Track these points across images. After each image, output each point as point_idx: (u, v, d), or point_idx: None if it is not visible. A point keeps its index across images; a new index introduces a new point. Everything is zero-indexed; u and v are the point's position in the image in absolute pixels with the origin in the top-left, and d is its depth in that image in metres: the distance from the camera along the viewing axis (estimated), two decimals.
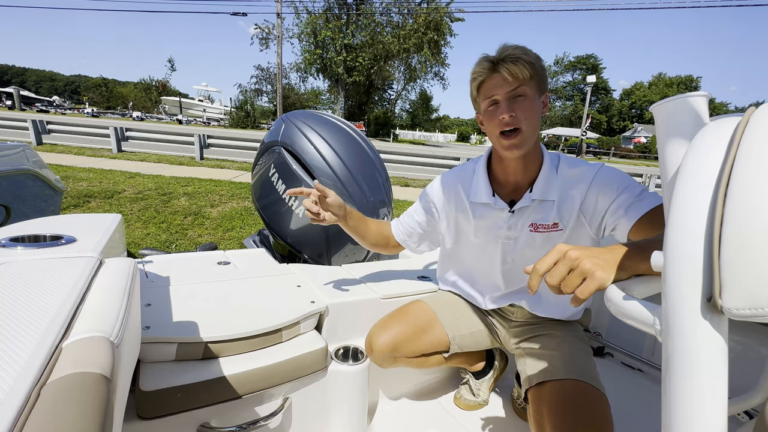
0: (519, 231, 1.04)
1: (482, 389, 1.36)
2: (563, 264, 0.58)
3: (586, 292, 0.55)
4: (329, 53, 23.71)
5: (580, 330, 1.15)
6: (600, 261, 0.56)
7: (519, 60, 0.88)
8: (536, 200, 1.00)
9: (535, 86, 0.92)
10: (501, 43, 0.95)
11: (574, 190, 0.98)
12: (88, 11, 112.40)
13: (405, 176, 8.56)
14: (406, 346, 1.11)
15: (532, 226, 1.02)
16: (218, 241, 3.60)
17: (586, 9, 25.64)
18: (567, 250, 0.59)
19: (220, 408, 0.88)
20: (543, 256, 0.60)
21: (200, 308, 1.00)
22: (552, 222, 1.00)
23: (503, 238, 1.06)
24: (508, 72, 0.89)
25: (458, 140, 52.83)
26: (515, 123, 0.92)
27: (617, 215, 0.90)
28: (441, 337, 1.16)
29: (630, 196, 0.89)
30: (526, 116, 0.92)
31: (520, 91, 0.91)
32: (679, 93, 0.51)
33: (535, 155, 1.01)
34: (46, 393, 0.35)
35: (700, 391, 0.35)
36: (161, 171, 6.66)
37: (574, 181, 0.98)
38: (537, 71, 0.91)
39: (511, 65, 0.89)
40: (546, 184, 1.00)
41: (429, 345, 1.15)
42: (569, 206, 0.99)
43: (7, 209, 1.85)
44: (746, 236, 0.32)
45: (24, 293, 0.52)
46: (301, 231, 1.62)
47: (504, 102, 0.92)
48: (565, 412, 0.87)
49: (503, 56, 0.90)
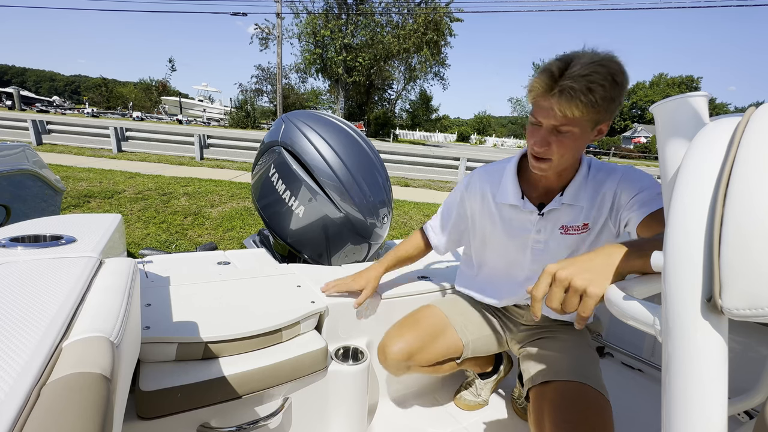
0: (549, 234, 1.02)
1: (485, 390, 1.36)
2: (557, 287, 0.58)
3: (587, 310, 0.55)
4: (329, 53, 23.70)
5: (587, 334, 1.14)
6: (590, 275, 0.56)
7: (575, 100, 0.76)
8: (566, 204, 0.99)
9: (589, 122, 0.82)
10: (580, 48, 0.81)
11: (604, 190, 0.97)
12: (88, 11, 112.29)
13: (405, 176, 8.56)
14: (420, 355, 1.09)
15: (563, 228, 1.00)
16: (218, 241, 3.60)
17: (586, 9, 25.64)
18: (555, 271, 0.58)
19: (220, 408, 0.88)
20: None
21: (200, 308, 1.00)
22: (582, 223, 0.99)
23: (532, 242, 1.04)
24: (558, 106, 0.79)
25: (458, 140, 52.85)
26: (546, 155, 0.87)
27: (631, 210, 0.89)
28: (455, 342, 1.15)
29: (649, 194, 0.88)
30: (561, 151, 0.86)
31: (564, 129, 0.83)
32: (679, 93, 0.51)
33: (572, 166, 0.98)
34: (46, 393, 0.35)
35: (700, 391, 0.35)
36: (161, 171, 6.66)
37: (603, 182, 0.97)
38: (597, 108, 0.78)
39: (565, 103, 0.78)
40: (578, 189, 0.98)
41: (443, 352, 1.13)
42: (599, 206, 0.97)
43: (7, 209, 1.85)
44: (746, 236, 0.32)
45: (24, 293, 0.52)
46: (301, 231, 1.62)
47: (544, 131, 0.85)
48: (566, 413, 0.87)
49: (563, 84, 0.77)
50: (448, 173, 8.82)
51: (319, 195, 1.51)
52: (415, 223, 4.85)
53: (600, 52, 0.79)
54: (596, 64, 0.76)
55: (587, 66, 0.76)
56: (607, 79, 0.76)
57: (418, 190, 7.50)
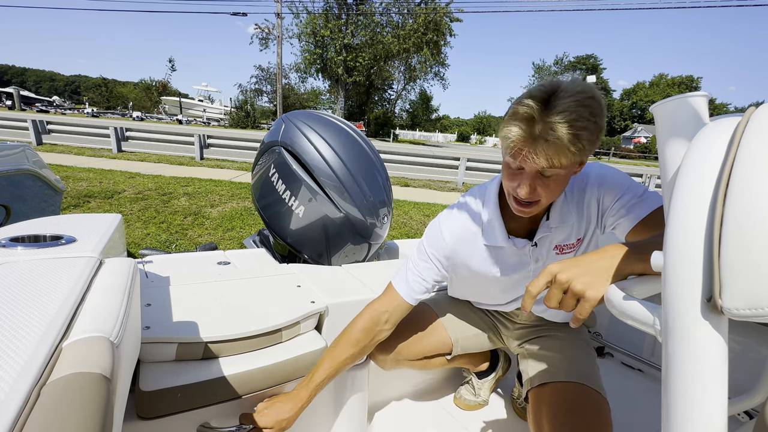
0: (546, 257, 0.97)
1: (483, 389, 1.36)
2: (556, 288, 0.58)
3: (584, 313, 0.56)
4: (329, 53, 23.71)
5: (585, 333, 1.14)
6: (589, 278, 0.56)
7: (562, 150, 0.69)
8: (554, 227, 0.94)
9: (575, 163, 0.75)
10: (551, 81, 0.71)
11: (586, 201, 0.93)
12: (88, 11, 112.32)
13: (405, 176, 8.56)
14: (407, 350, 1.11)
15: (558, 248, 0.96)
16: (218, 241, 3.60)
17: (586, 9, 25.66)
18: (556, 272, 0.59)
19: (220, 408, 0.88)
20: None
21: (200, 308, 1.00)
22: (576, 239, 0.96)
23: (533, 271, 0.98)
24: (545, 155, 0.70)
25: (458, 140, 52.87)
26: (533, 198, 0.79)
27: (619, 215, 0.87)
28: (443, 339, 1.16)
29: (633, 196, 0.86)
30: (548, 193, 0.78)
31: (550, 172, 0.75)
32: (679, 93, 0.51)
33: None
34: (46, 393, 0.35)
35: (700, 391, 0.35)
36: (161, 171, 6.66)
37: (583, 193, 0.93)
38: (585, 151, 0.72)
39: (553, 152, 0.70)
40: (561, 210, 0.93)
41: (431, 348, 1.14)
42: (588, 219, 0.94)
43: (7, 209, 1.85)
44: (746, 236, 0.32)
45: (24, 293, 0.52)
46: (301, 231, 1.61)
47: (527, 177, 0.77)
48: (565, 414, 0.87)
49: (549, 135, 0.69)
50: (448, 173, 8.82)
51: (319, 195, 1.51)
52: (415, 223, 4.85)
53: (577, 84, 0.71)
54: (576, 103, 0.68)
55: (566, 105, 0.68)
56: (589, 120, 0.69)
57: (418, 190, 7.51)
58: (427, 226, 1.05)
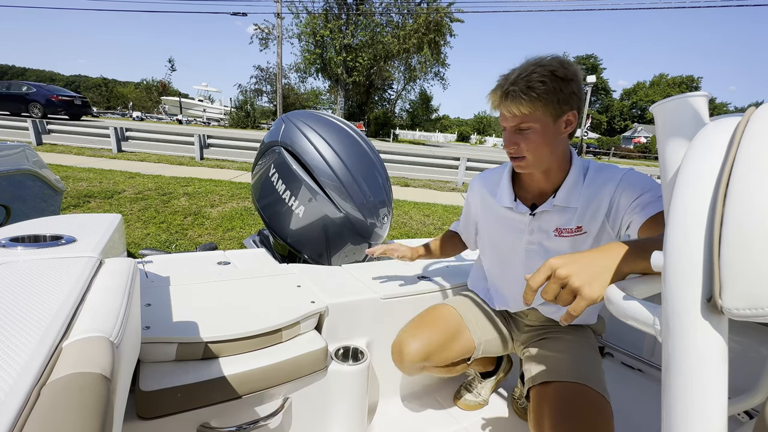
0: (543, 236, 1.03)
1: (484, 389, 1.36)
2: (554, 282, 0.59)
3: (578, 309, 0.56)
4: (329, 53, 23.70)
5: (591, 336, 1.14)
6: (588, 275, 0.57)
7: (517, 98, 0.87)
8: (558, 206, 0.99)
9: (547, 114, 0.89)
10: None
11: (602, 193, 0.96)
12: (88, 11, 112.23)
13: (405, 176, 8.55)
14: (437, 355, 1.09)
15: (557, 231, 1.01)
16: (218, 241, 3.60)
17: (585, 9, 25.67)
18: (557, 267, 0.59)
19: (220, 408, 0.88)
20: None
21: (200, 308, 1.00)
22: (575, 225, 0.99)
23: (526, 243, 1.06)
24: (506, 108, 0.91)
25: (458, 140, 52.82)
26: (518, 153, 0.95)
27: (633, 213, 0.88)
28: (469, 343, 1.15)
29: (651, 196, 0.87)
30: (530, 147, 0.93)
31: (523, 126, 0.91)
32: (679, 93, 0.51)
33: (559, 166, 0.99)
34: (46, 393, 0.35)
35: (700, 391, 0.35)
36: (161, 171, 6.66)
37: (602, 185, 0.96)
38: (546, 100, 0.87)
39: (511, 104, 0.89)
40: (570, 191, 0.99)
41: (459, 352, 1.13)
42: (594, 209, 0.97)
43: (7, 209, 1.85)
44: (746, 236, 0.32)
45: (24, 293, 0.52)
46: (301, 231, 1.62)
47: (508, 134, 0.95)
48: (566, 414, 0.87)
49: (506, 91, 0.89)
50: (448, 173, 8.82)
51: (319, 195, 1.51)
52: (415, 223, 4.85)
53: (544, 56, 0.90)
54: (534, 65, 0.87)
55: (525, 69, 0.88)
56: (545, 75, 0.86)
57: (418, 190, 7.50)
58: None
